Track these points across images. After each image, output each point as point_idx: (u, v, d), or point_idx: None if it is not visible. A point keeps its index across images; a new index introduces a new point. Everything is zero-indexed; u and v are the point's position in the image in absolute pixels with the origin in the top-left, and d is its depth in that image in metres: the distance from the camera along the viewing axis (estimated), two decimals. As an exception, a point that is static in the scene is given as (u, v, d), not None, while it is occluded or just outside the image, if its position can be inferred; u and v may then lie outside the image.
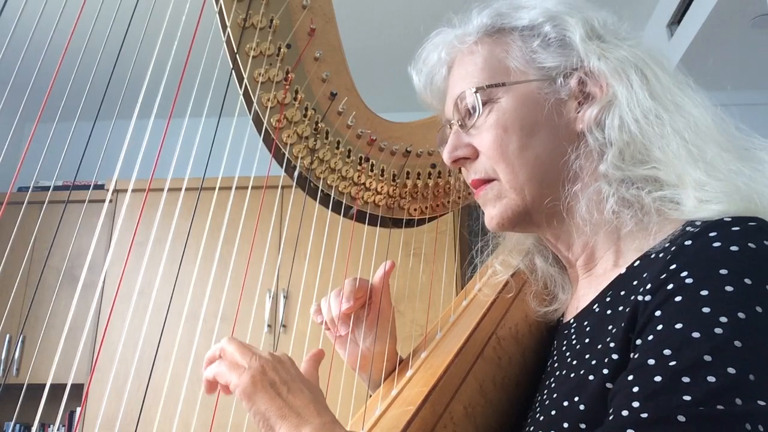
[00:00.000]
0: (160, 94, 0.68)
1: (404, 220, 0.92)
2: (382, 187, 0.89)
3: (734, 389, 0.46)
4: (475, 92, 0.69)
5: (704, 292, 0.50)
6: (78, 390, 2.64)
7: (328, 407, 0.61)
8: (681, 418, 0.46)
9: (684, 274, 0.52)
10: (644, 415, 0.48)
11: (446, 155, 0.72)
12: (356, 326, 0.83)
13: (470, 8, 0.75)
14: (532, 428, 0.62)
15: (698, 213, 0.57)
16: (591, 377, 0.57)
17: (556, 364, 0.69)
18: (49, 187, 2.64)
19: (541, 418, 0.62)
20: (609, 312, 0.62)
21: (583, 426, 0.55)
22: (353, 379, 0.86)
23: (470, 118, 0.71)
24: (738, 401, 0.45)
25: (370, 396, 0.84)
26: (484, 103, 0.69)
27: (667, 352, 0.49)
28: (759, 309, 0.48)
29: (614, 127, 0.65)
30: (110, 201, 2.55)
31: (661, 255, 0.57)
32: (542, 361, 0.74)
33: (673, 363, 0.49)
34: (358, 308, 0.82)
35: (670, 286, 0.53)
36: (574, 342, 0.67)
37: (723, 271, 0.50)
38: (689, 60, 2.54)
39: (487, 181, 0.70)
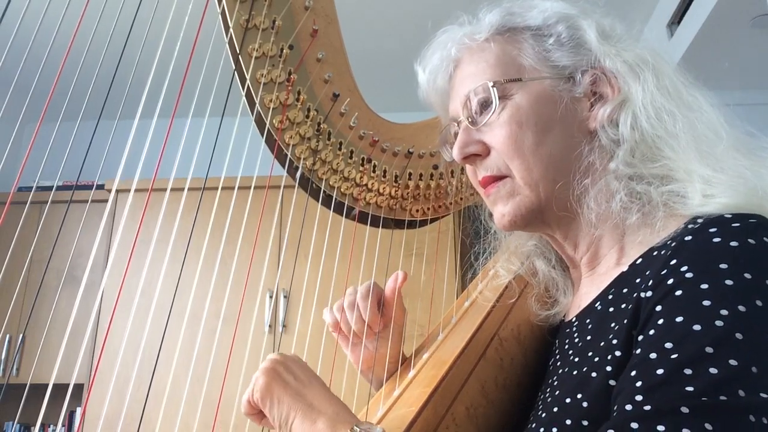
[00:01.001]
0: (162, 94, 0.68)
1: (406, 221, 0.92)
2: (384, 188, 0.89)
3: (737, 381, 0.46)
4: (493, 86, 0.69)
5: (704, 286, 0.51)
6: (78, 390, 2.64)
7: (339, 399, 0.63)
8: (684, 410, 0.46)
9: (684, 268, 0.53)
10: (647, 408, 0.48)
11: (456, 152, 0.71)
12: (367, 332, 0.84)
13: (477, 8, 0.75)
14: (534, 425, 0.62)
15: (704, 207, 0.58)
16: (594, 374, 0.57)
17: (558, 363, 0.69)
18: (50, 187, 2.63)
19: (544, 415, 0.62)
20: (611, 309, 0.62)
21: (585, 423, 0.55)
22: (355, 381, 0.86)
23: (481, 115, 0.70)
24: (741, 393, 0.45)
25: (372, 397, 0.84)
26: (499, 99, 0.69)
27: (668, 345, 0.50)
28: (759, 303, 0.49)
29: (627, 125, 0.65)
30: (112, 201, 2.56)
31: (663, 252, 0.57)
32: (544, 362, 0.74)
33: (674, 356, 0.49)
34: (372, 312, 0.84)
35: (671, 281, 0.53)
36: (576, 340, 0.67)
37: (723, 266, 0.51)
38: (689, 60, 2.54)
39: (499, 178, 0.70)
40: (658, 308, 0.53)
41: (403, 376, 0.78)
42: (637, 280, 0.59)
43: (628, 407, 0.49)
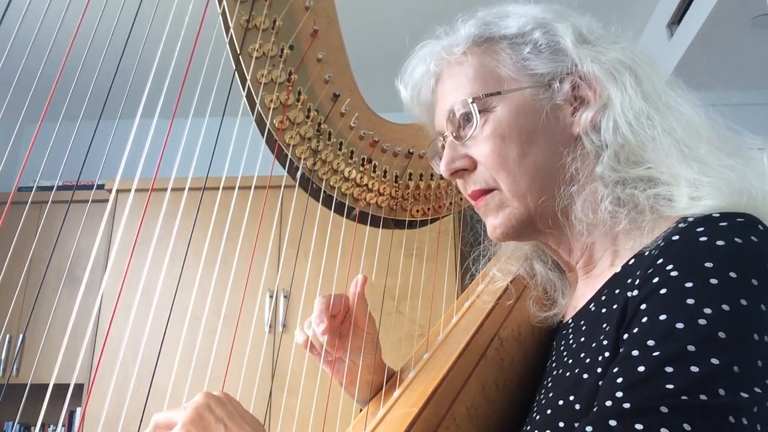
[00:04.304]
0: (163, 94, 0.68)
1: (406, 221, 0.92)
2: (384, 188, 0.89)
3: (718, 380, 0.46)
4: (472, 102, 0.69)
5: (689, 284, 0.51)
6: (78, 390, 2.64)
7: None
8: (664, 409, 0.46)
9: (670, 267, 0.53)
10: (627, 405, 0.48)
11: (443, 168, 0.72)
12: (338, 343, 0.82)
13: (475, 9, 0.75)
14: (528, 428, 0.62)
15: (690, 210, 0.58)
16: (586, 376, 0.57)
17: (554, 364, 0.69)
18: (51, 187, 2.63)
19: (538, 417, 0.62)
20: (604, 310, 0.63)
21: (577, 425, 0.56)
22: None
23: (465, 129, 0.70)
24: (721, 392, 0.46)
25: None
26: (480, 113, 0.69)
27: (650, 342, 0.50)
28: (743, 302, 0.49)
29: (609, 130, 0.65)
30: (112, 201, 2.55)
31: (653, 252, 0.58)
32: (544, 362, 0.74)
33: (656, 353, 0.49)
34: (338, 325, 0.80)
35: (656, 280, 0.53)
36: (571, 341, 0.67)
37: (708, 265, 0.51)
38: (689, 60, 2.54)
39: (487, 191, 0.70)
40: (643, 306, 0.53)
41: (403, 376, 0.78)
42: (628, 281, 0.59)
43: (608, 403, 0.49)
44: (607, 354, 0.56)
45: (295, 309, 2.51)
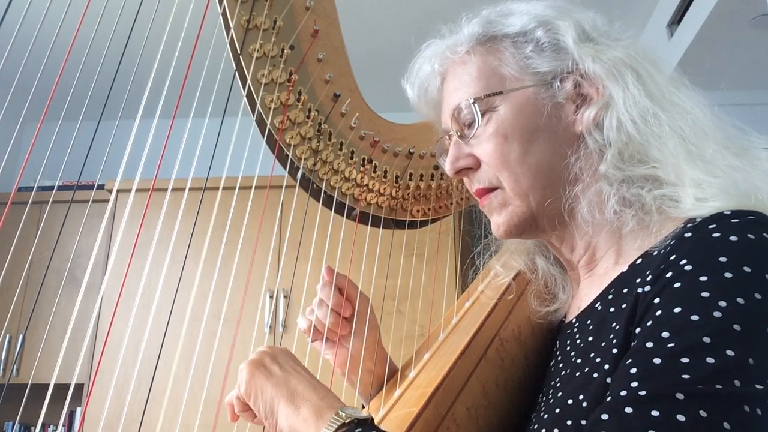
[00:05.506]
0: (163, 94, 0.68)
1: (407, 222, 0.92)
2: (384, 188, 0.89)
3: (733, 371, 0.46)
4: (473, 103, 0.69)
5: (703, 278, 0.51)
6: (78, 390, 2.64)
7: (326, 386, 0.63)
8: (680, 396, 0.46)
9: (683, 262, 0.53)
10: (642, 393, 0.48)
11: (448, 167, 0.73)
12: (342, 322, 0.85)
13: (476, 9, 0.75)
14: (536, 427, 0.62)
15: (697, 211, 0.58)
16: (595, 375, 0.57)
17: (560, 364, 0.69)
18: (51, 187, 2.63)
19: (546, 416, 0.62)
20: (612, 309, 0.62)
21: (585, 423, 0.55)
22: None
23: (469, 129, 0.71)
24: (737, 383, 0.46)
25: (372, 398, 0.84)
26: (483, 113, 0.69)
27: (665, 334, 0.50)
28: (758, 296, 0.49)
29: (612, 128, 0.65)
30: (112, 202, 2.55)
31: (662, 251, 0.58)
32: (545, 363, 0.74)
33: (671, 345, 0.49)
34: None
35: (669, 274, 0.53)
36: (578, 341, 0.67)
37: (722, 259, 0.51)
38: (689, 60, 2.54)
39: (491, 189, 0.71)
40: (656, 300, 0.53)
41: (403, 376, 0.78)
42: (637, 280, 0.59)
43: (623, 392, 0.49)
44: (615, 351, 0.56)
45: (295, 310, 2.50)
